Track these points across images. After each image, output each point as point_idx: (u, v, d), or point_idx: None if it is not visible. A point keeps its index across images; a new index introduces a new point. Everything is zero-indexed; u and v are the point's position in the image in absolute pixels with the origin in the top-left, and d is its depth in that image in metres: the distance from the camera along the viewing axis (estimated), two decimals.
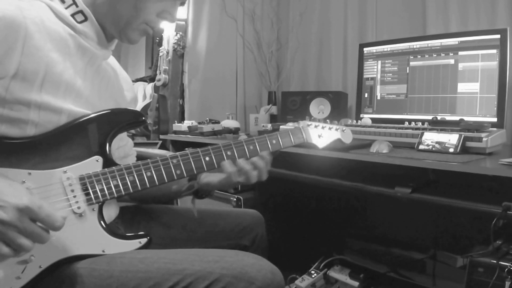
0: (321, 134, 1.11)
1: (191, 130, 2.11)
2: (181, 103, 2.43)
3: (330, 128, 1.13)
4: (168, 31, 2.35)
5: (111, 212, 0.97)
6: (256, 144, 0.99)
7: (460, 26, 1.82)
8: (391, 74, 1.79)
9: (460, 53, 1.57)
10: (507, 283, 0.99)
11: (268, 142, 1.01)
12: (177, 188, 1.10)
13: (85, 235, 0.81)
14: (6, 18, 0.74)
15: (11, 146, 0.77)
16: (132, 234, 0.88)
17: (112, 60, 1.05)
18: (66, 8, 0.87)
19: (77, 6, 0.88)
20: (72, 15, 0.87)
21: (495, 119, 1.46)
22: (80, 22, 0.88)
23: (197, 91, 2.44)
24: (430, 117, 1.54)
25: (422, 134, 1.39)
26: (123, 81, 1.09)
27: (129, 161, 1.02)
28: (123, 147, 1.08)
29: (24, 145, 0.78)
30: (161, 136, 2.32)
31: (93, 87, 0.91)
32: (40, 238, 0.70)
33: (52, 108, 0.80)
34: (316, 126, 1.11)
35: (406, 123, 1.54)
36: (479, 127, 1.33)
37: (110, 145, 0.87)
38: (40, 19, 0.80)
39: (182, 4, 0.98)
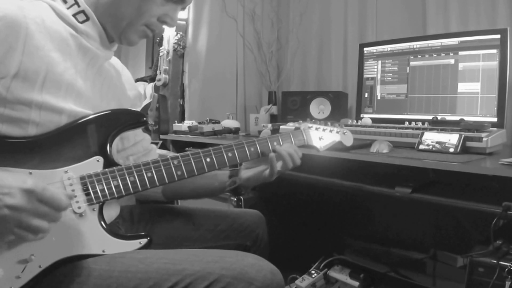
0: (322, 137, 1.11)
1: (191, 130, 2.11)
2: (181, 103, 2.43)
3: (331, 131, 1.13)
4: (169, 31, 2.35)
5: (111, 212, 0.97)
6: (257, 146, 1.00)
7: (460, 26, 1.81)
8: (391, 74, 1.79)
9: (460, 53, 1.57)
10: (507, 283, 0.99)
11: (269, 144, 1.02)
12: (219, 186, 1.11)
13: (85, 235, 0.81)
14: (7, 18, 0.74)
15: (12, 146, 0.77)
16: (132, 234, 0.88)
17: (114, 60, 1.05)
18: (68, 8, 0.87)
19: (79, 6, 0.88)
20: (74, 15, 0.87)
21: (495, 119, 1.46)
22: (82, 22, 0.88)
23: (197, 91, 2.44)
24: (430, 117, 1.54)
25: (422, 134, 1.39)
26: (125, 80, 1.09)
27: (152, 156, 1.04)
28: (141, 142, 1.09)
29: (25, 145, 0.78)
30: (162, 136, 2.32)
31: (94, 88, 0.91)
32: (53, 217, 0.71)
33: (53, 108, 0.80)
34: (317, 129, 1.12)
35: (406, 123, 1.54)
36: (479, 127, 1.33)
37: (111, 146, 0.88)
38: (41, 19, 0.80)
39: (183, 9, 0.98)
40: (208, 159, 0.94)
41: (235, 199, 1.84)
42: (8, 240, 0.71)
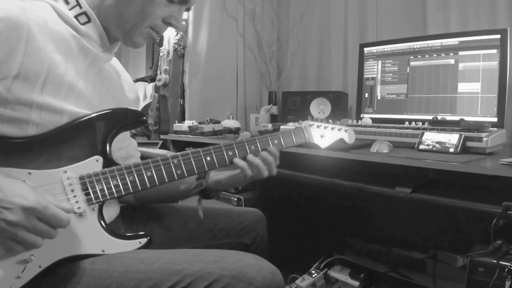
0: (324, 134, 1.11)
1: (191, 130, 2.11)
2: (181, 103, 2.43)
3: (332, 128, 1.12)
4: (169, 31, 2.35)
5: (111, 211, 0.97)
6: (258, 144, 1.00)
7: (460, 26, 1.81)
8: (391, 74, 1.79)
9: (460, 53, 1.57)
10: (507, 283, 0.99)
11: (270, 142, 1.02)
12: (185, 188, 1.09)
13: (85, 235, 0.81)
14: (9, 19, 0.74)
15: (12, 146, 0.77)
16: (132, 234, 0.88)
17: (114, 61, 1.05)
18: (70, 9, 0.87)
19: (81, 7, 0.88)
20: (76, 17, 0.87)
21: (495, 119, 1.46)
22: (83, 24, 0.88)
23: (198, 91, 2.44)
24: (430, 117, 1.54)
25: (422, 134, 1.39)
26: (125, 82, 1.09)
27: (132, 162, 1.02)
28: (126, 147, 1.08)
29: (25, 145, 0.78)
30: (162, 136, 2.32)
31: (94, 89, 0.91)
32: (49, 235, 0.73)
33: (53, 109, 0.80)
34: (318, 126, 1.11)
35: (407, 123, 1.54)
36: (479, 127, 1.33)
37: (110, 145, 0.87)
38: (43, 20, 0.80)
39: (188, 9, 0.98)
40: (208, 158, 0.94)
41: (236, 198, 1.85)
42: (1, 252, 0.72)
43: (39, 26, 0.78)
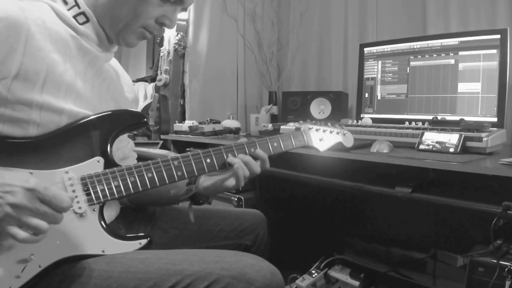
0: (322, 138, 1.12)
1: (192, 130, 2.11)
2: (182, 103, 2.44)
3: (331, 132, 1.14)
4: (169, 31, 2.35)
5: (112, 212, 0.97)
6: (258, 147, 1.00)
7: (460, 26, 1.82)
8: (391, 74, 1.79)
9: (460, 53, 1.57)
10: (507, 283, 0.99)
11: (270, 145, 1.02)
12: (175, 193, 1.09)
13: (85, 235, 0.82)
14: (8, 19, 0.74)
15: (13, 146, 0.78)
16: (133, 235, 0.88)
17: (114, 61, 1.05)
18: (69, 9, 0.87)
19: (79, 7, 0.88)
20: (74, 17, 0.87)
21: (495, 119, 1.46)
22: (82, 24, 0.88)
23: (198, 91, 2.45)
24: (430, 117, 1.54)
25: (422, 134, 1.39)
26: (124, 82, 1.09)
27: (128, 163, 1.02)
28: (123, 148, 1.08)
29: (26, 145, 0.79)
30: (162, 136, 2.32)
31: (93, 89, 0.91)
32: (54, 218, 0.70)
33: (53, 109, 0.80)
34: (317, 130, 1.12)
35: (407, 123, 1.54)
36: (479, 127, 1.33)
37: (111, 146, 0.88)
38: (42, 20, 0.80)
39: (184, 10, 0.97)
40: (208, 160, 0.94)
41: (236, 198, 1.85)
42: (7, 243, 0.71)
43: (38, 26, 0.79)
